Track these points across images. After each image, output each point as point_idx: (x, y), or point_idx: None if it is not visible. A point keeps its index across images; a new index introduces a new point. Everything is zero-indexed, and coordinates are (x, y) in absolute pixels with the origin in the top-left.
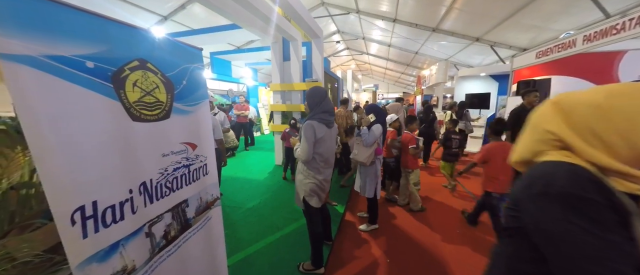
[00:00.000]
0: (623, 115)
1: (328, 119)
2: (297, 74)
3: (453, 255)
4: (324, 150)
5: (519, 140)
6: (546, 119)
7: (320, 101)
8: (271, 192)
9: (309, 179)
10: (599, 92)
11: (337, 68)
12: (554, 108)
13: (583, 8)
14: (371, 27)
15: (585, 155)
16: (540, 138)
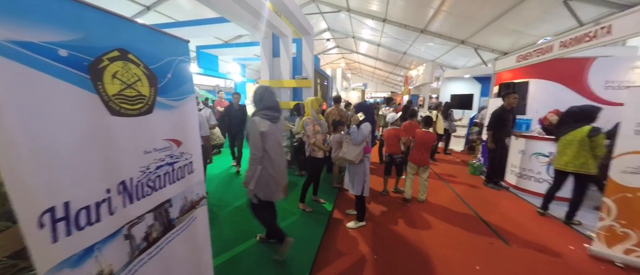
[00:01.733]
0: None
1: (271, 115)
2: (287, 70)
3: (437, 248)
4: (270, 146)
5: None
6: None
7: (261, 98)
8: None
9: (260, 173)
10: None
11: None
12: None
13: (559, 16)
14: (361, 26)
15: None
16: None
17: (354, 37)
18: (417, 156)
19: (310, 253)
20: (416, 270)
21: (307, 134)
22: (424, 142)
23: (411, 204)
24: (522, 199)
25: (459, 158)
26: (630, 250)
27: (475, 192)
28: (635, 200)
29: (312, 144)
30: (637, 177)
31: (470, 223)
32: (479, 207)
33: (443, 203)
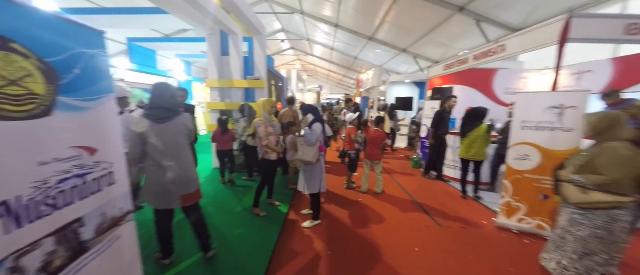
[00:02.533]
0: None
1: (156, 114)
2: (238, 70)
3: (384, 237)
4: (154, 148)
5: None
6: None
7: (152, 97)
8: (209, 197)
9: (147, 179)
10: None
11: (282, 67)
12: None
13: (474, 34)
14: (315, 29)
15: None
16: None
17: (309, 40)
18: (370, 152)
19: (264, 258)
20: (365, 259)
21: (259, 136)
22: (376, 140)
23: (367, 197)
24: (451, 186)
25: (403, 154)
26: (522, 219)
27: (416, 182)
28: (524, 181)
29: (265, 146)
30: (524, 162)
31: (411, 210)
32: (418, 195)
33: (390, 195)
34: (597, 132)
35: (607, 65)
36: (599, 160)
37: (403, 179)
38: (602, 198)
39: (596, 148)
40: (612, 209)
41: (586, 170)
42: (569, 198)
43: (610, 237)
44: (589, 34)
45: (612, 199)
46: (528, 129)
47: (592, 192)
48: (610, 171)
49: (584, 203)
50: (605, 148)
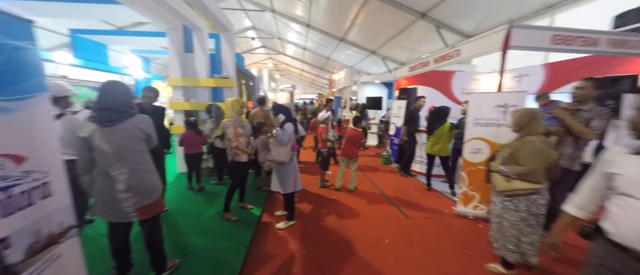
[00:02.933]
0: None
1: (102, 117)
2: (204, 68)
3: (356, 231)
4: (102, 154)
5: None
6: None
7: (99, 97)
8: (174, 204)
9: (96, 188)
10: None
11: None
12: None
13: (435, 38)
14: (287, 28)
15: None
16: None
17: (280, 39)
18: (348, 150)
19: (236, 263)
20: (339, 255)
21: (228, 137)
22: (353, 138)
23: (340, 194)
24: (419, 180)
25: (374, 151)
26: (476, 206)
27: (386, 178)
28: (477, 172)
29: (234, 147)
30: (477, 155)
31: (381, 205)
32: (387, 190)
33: (362, 191)
34: (520, 126)
35: (540, 69)
36: (520, 152)
37: (374, 175)
38: (521, 185)
39: (518, 141)
40: (530, 194)
41: (511, 161)
42: (496, 186)
43: (532, 219)
44: (525, 42)
45: (529, 186)
46: (479, 125)
47: (514, 180)
48: (528, 162)
49: (508, 190)
50: (525, 141)
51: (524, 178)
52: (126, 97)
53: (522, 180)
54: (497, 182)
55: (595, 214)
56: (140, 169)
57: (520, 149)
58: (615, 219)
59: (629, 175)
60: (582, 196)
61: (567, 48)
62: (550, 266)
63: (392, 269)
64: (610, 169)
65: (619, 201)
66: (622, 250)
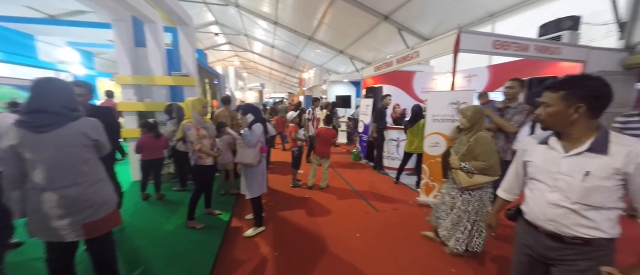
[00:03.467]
0: None
1: (33, 121)
2: (159, 64)
3: (329, 228)
4: (36, 164)
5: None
6: None
7: (30, 97)
8: (129, 217)
9: (29, 203)
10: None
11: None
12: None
13: (397, 40)
14: (254, 25)
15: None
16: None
17: (247, 36)
18: (320, 149)
19: (203, 273)
20: (312, 254)
21: (190, 140)
22: (326, 137)
23: (312, 192)
24: (386, 175)
25: (344, 149)
26: (436, 195)
27: (356, 174)
28: (436, 164)
29: (198, 150)
30: (435, 148)
31: (352, 200)
32: (358, 185)
33: (333, 187)
34: (472, 123)
35: (485, 71)
36: (477, 149)
37: (345, 172)
38: (482, 180)
39: (469, 137)
40: (484, 186)
41: (469, 158)
42: (461, 183)
43: (484, 209)
44: (471, 46)
45: (488, 179)
46: (437, 121)
47: (475, 175)
48: (488, 157)
49: (472, 185)
50: (479, 137)
51: (484, 172)
52: (66, 97)
53: (482, 174)
54: (460, 178)
55: (519, 197)
56: (87, 180)
57: (476, 146)
58: (528, 200)
59: (537, 162)
60: (508, 181)
61: (505, 52)
62: (489, 248)
63: (363, 261)
64: (524, 158)
65: (530, 185)
66: (533, 228)
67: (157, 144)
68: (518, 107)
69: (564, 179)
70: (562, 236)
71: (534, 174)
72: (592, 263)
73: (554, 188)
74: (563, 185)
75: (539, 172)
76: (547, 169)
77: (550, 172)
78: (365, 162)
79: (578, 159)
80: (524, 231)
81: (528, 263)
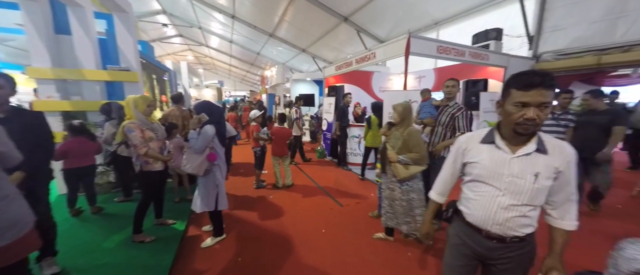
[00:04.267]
0: None
1: None
2: (90, 56)
3: (294, 226)
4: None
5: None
6: None
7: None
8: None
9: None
10: None
11: (168, 57)
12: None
13: (356, 41)
14: (208, 17)
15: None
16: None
17: (201, 28)
18: (277, 149)
19: None
20: (278, 254)
21: (133, 144)
22: (281, 136)
23: (276, 192)
24: (351, 171)
25: (309, 147)
26: None
27: (321, 171)
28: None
29: (144, 155)
30: None
31: (317, 197)
32: (323, 182)
33: (298, 185)
34: (402, 117)
35: (432, 72)
36: (410, 142)
37: (310, 169)
38: (416, 169)
39: (402, 132)
40: (417, 175)
41: (405, 151)
42: (399, 175)
43: (421, 194)
44: (419, 50)
45: (420, 169)
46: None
47: (410, 166)
48: (420, 149)
49: (409, 176)
50: (411, 131)
51: (417, 163)
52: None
53: (416, 164)
54: (399, 171)
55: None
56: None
57: (409, 139)
58: (470, 203)
59: (485, 163)
60: (443, 183)
61: (446, 56)
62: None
63: (329, 256)
64: (465, 158)
65: (474, 188)
66: (476, 230)
67: (87, 148)
68: (455, 106)
69: (515, 181)
70: (504, 237)
71: (481, 177)
72: (524, 256)
73: (505, 191)
74: (514, 187)
75: (488, 174)
76: (497, 171)
77: (500, 174)
78: (329, 159)
79: (526, 159)
80: (463, 232)
81: (465, 264)
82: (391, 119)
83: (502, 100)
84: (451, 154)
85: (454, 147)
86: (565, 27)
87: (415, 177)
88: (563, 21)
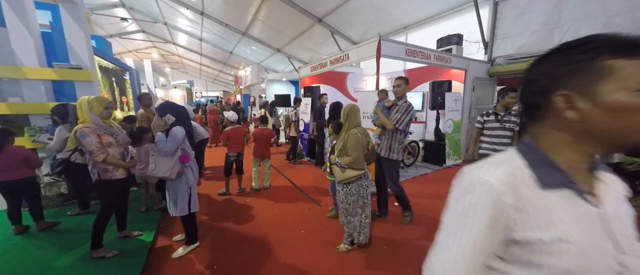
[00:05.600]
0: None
1: None
2: (31, 52)
3: (273, 229)
4: None
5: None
6: None
7: None
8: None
9: None
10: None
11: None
12: None
13: (331, 42)
14: (175, 13)
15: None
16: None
17: (166, 24)
18: (259, 151)
19: None
20: (256, 258)
21: (89, 150)
22: (263, 138)
23: (253, 195)
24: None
25: (286, 148)
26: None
27: (299, 171)
28: None
29: (103, 161)
30: None
31: (296, 198)
32: (300, 182)
33: (276, 187)
34: (345, 119)
35: (402, 74)
36: (347, 144)
37: (287, 170)
38: (352, 174)
39: (344, 135)
40: (359, 179)
41: (343, 153)
42: (336, 177)
43: (361, 201)
44: (390, 52)
45: (357, 173)
46: (367, 118)
47: (347, 169)
48: (354, 152)
49: (345, 179)
50: (350, 134)
51: (352, 166)
52: None
53: (351, 168)
54: (336, 173)
55: None
56: None
57: (348, 141)
58: None
59: (580, 245)
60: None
61: (414, 59)
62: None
63: (308, 255)
64: (520, 228)
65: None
66: None
67: (11, 157)
68: (403, 105)
69: (633, 261)
70: None
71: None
72: None
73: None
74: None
75: (589, 265)
76: (598, 252)
77: (604, 255)
78: (307, 159)
79: (624, 210)
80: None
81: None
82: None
83: (585, 89)
84: (473, 212)
85: (479, 200)
86: (513, 35)
87: (355, 182)
88: (511, 30)
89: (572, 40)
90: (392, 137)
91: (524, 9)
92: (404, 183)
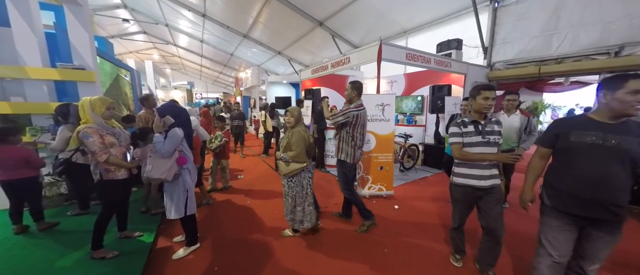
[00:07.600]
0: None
1: None
2: (35, 52)
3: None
4: None
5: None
6: None
7: None
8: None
9: None
10: None
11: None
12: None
13: (332, 46)
14: (176, 15)
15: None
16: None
17: (168, 26)
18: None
19: None
20: (257, 258)
21: (90, 150)
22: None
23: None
24: (329, 173)
25: None
26: (370, 187)
27: None
28: (368, 159)
29: (105, 162)
30: (367, 145)
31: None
32: None
33: (277, 189)
34: (297, 120)
35: (403, 77)
36: (291, 141)
37: None
38: (295, 167)
39: (290, 132)
40: (301, 172)
41: (287, 149)
42: (281, 171)
43: (304, 191)
44: (390, 56)
45: (300, 166)
46: (368, 121)
47: (291, 163)
48: (296, 147)
49: (289, 172)
50: (294, 131)
51: (295, 160)
52: None
53: (294, 162)
54: (281, 167)
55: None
56: None
57: (291, 138)
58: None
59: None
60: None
61: (414, 63)
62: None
63: (309, 256)
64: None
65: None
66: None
67: (11, 156)
68: (344, 108)
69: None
70: None
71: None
72: None
73: None
74: None
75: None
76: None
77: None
78: None
79: None
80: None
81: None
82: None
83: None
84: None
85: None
86: (512, 40)
87: (298, 174)
88: (510, 35)
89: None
90: (341, 139)
91: (522, 15)
92: (404, 186)
